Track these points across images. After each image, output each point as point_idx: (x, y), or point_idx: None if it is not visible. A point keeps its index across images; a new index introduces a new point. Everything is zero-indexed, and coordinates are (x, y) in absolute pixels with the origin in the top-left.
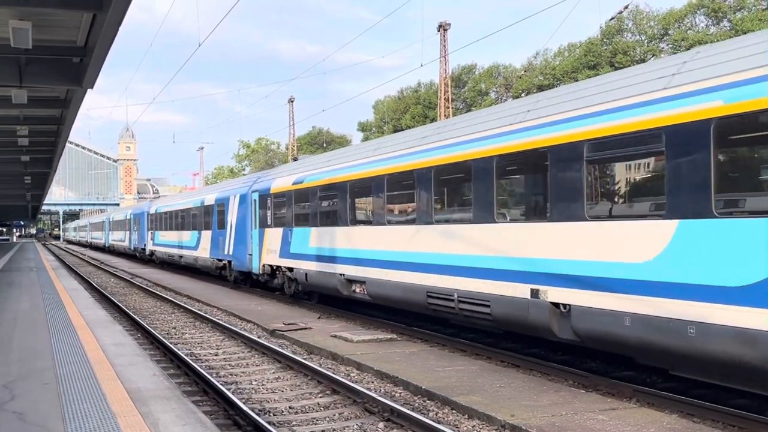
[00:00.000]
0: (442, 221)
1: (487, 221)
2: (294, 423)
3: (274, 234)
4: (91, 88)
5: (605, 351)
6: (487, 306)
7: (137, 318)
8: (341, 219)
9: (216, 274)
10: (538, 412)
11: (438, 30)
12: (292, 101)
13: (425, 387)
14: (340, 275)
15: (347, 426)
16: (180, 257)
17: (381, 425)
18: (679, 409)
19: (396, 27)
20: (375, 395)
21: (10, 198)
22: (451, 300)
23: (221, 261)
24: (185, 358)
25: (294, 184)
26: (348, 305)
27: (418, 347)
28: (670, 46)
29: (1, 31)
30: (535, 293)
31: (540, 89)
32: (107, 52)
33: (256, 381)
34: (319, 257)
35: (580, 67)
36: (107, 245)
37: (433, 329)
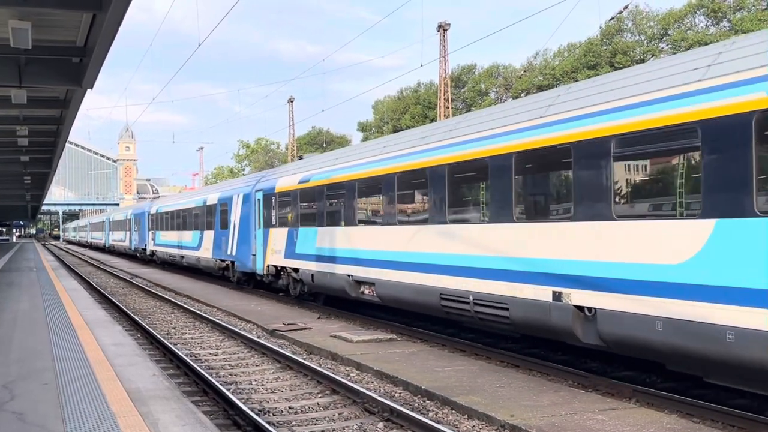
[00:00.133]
0: (456, 221)
1: (506, 221)
2: (294, 423)
3: (278, 234)
4: (91, 88)
5: (634, 357)
6: (505, 309)
7: (137, 318)
8: (349, 218)
9: (218, 274)
10: (537, 412)
11: (438, 30)
12: (291, 101)
13: (425, 387)
14: (348, 276)
15: (347, 426)
16: (182, 257)
17: (381, 425)
18: (679, 409)
19: (396, 27)
20: (375, 395)
21: (9, 198)
22: (466, 302)
23: (224, 261)
24: (185, 358)
25: (300, 183)
26: (356, 308)
27: (417, 347)
28: (669, 46)
29: (1, 31)
30: (558, 296)
31: (540, 89)
32: (107, 52)
33: (255, 381)
34: (327, 258)
35: (579, 68)
36: (107, 245)
37: (433, 329)
